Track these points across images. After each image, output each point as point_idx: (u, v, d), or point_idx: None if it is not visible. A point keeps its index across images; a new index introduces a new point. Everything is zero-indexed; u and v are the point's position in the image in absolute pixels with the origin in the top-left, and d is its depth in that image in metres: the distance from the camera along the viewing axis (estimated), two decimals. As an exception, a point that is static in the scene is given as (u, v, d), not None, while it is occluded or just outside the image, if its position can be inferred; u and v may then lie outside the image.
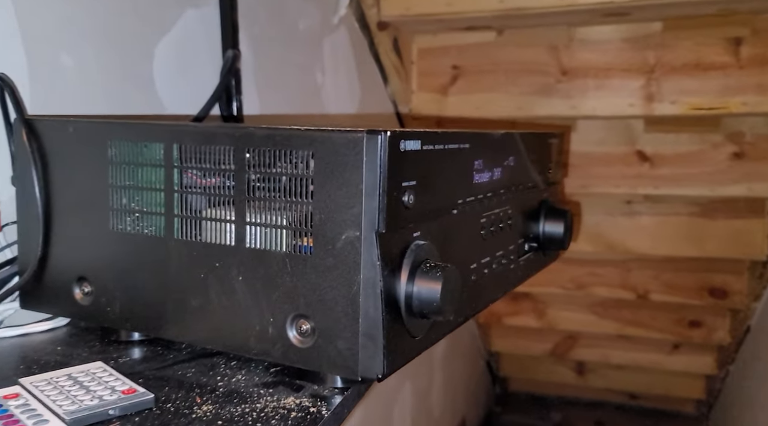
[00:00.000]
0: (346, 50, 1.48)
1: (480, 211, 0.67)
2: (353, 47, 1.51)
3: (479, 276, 0.67)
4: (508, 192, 0.74)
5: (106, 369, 0.56)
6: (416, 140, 0.52)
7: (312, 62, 1.33)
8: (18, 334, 0.66)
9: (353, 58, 1.51)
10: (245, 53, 1.10)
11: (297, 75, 1.28)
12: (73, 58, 0.80)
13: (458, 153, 0.60)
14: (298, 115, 1.27)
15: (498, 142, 0.71)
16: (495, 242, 0.71)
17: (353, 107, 1.51)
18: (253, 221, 0.54)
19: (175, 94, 0.96)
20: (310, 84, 1.33)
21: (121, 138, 0.59)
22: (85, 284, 0.62)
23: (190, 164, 0.56)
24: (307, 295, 0.52)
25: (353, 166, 0.49)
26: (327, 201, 0.51)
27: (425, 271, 0.53)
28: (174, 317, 0.58)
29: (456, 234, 0.62)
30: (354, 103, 1.52)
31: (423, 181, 0.54)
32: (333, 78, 1.41)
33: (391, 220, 0.50)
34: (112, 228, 0.60)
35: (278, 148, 0.52)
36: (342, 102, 1.46)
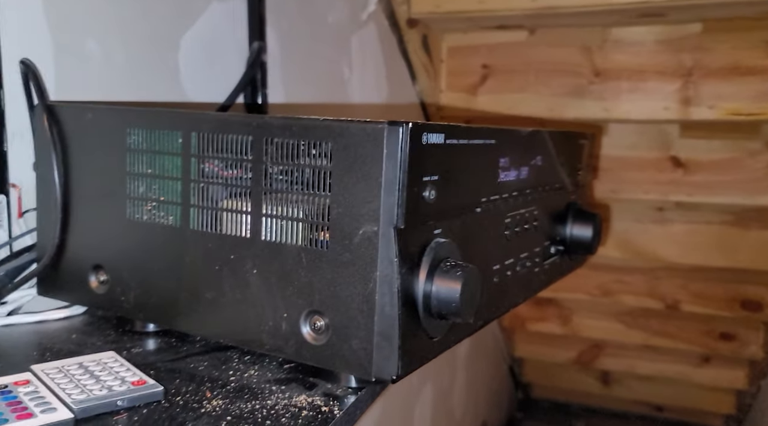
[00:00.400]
0: (374, 47, 1.46)
1: (505, 210, 0.65)
2: (381, 44, 1.49)
3: (502, 278, 0.65)
4: (534, 192, 0.72)
5: (117, 359, 0.55)
6: (440, 133, 0.50)
7: (339, 57, 1.32)
8: (35, 321, 0.65)
9: (381, 54, 1.49)
10: (272, 46, 1.10)
11: (324, 69, 1.27)
12: (99, 46, 0.80)
13: (483, 149, 0.58)
14: (322, 105, 1.26)
15: (526, 140, 0.68)
16: (519, 244, 0.69)
17: (381, 107, 1.50)
18: (270, 213, 0.52)
19: (200, 84, 0.95)
20: (337, 79, 1.32)
21: (139, 125, 0.58)
22: (101, 273, 0.62)
23: (207, 154, 0.55)
24: (322, 290, 0.50)
25: (373, 158, 0.47)
26: (345, 194, 0.49)
27: (445, 270, 0.51)
28: (187, 309, 0.57)
29: (479, 233, 0.60)
30: (381, 100, 1.51)
31: (446, 176, 0.52)
32: (360, 74, 1.39)
33: (411, 215, 0.48)
34: (129, 217, 0.59)
35: (296, 139, 0.51)
36: (368, 98, 1.45)
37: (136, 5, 0.85)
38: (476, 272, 0.52)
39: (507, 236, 0.66)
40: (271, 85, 1.08)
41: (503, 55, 1.73)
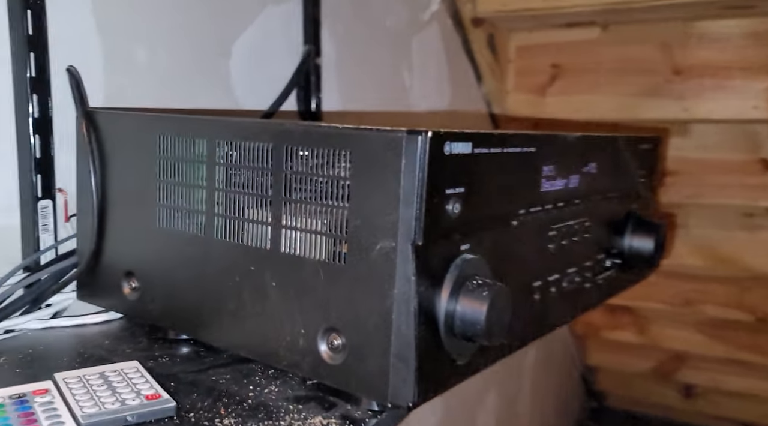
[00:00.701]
0: (436, 48, 1.43)
1: (548, 222, 0.61)
2: (444, 45, 1.46)
3: (545, 295, 0.60)
4: (586, 202, 0.67)
5: (138, 369, 0.54)
6: (466, 142, 0.47)
7: (399, 60, 1.29)
8: (74, 325, 0.66)
9: (444, 56, 1.46)
10: (327, 51, 1.08)
11: (382, 73, 1.25)
12: (148, 53, 0.80)
13: (521, 157, 0.54)
14: (381, 113, 1.24)
15: (574, 146, 0.64)
16: (567, 257, 0.64)
17: (442, 107, 1.46)
18: (289, 225, 0.51)
19: (253, 91, 0.95)
20: (397, 83, 1.29)
21: (168, 132, 0.58)
22: (132, 280, 0.62)
23: (230, 162, 0.54)
24: (340, 307, 0.48)
25: (391, 169, 0.45)
26: (363, 206, 0.46)
27: (471, 289, 0.48)
28: (209, 319, 0.56)
29: (516, 247, 0.56)
30: (443, 103, 1.47)
31: (474, 188, 0.49)
32: (421, 77, 1.36)
33: (431, 230, 0.45)
34: (159, 224, 0.59)
35: (315, 147, 0.49)
36: (430, 102, 1.42)
37: (187, 11, 0.85)
38: (505, 292, 0.48)
39: (551, 250, 0.61)
40: (326, 91, 1.07)
41: (573, 53, 1.66)
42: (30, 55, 0.65)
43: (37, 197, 0.67)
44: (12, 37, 0.65)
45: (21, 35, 0.65)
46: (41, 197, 0.67)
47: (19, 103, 0.66)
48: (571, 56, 1.67)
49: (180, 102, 0.85)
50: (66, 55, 0.70)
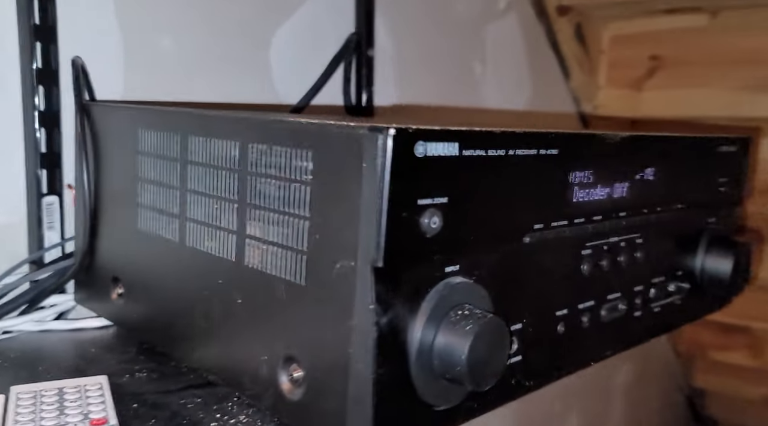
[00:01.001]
0: (514, 38, 1.32)
1: (581, 239, 0.51)
2: (524, 35, 1.34)
3: (574, 326, 0.50)
4: (638, 214, 0.56)
5: (102, 387, 0.49)
6: (449, 143, 0.38)
7: (469, 52, 1.20)
8: (72, 328, 0.63)
9: (524, 47, 1.35)
10: (383, 41, 1.01)
11: (448, 66, 1.16)
12: (174, 44, 0.76)
13: (538, 161, 0.45)
14: (447, 108, 1.15)
15: (621, 148, 0.53)
16: (608, 281, 0.54)
17: (520, 104, 1.35)
18: (252, 234, 0.44)
19: (296, 85, 0.89)
20: (466, 76, 1.20)
21: (147, 126, 0.53)
22: (119, 285, 0.57)
23: (200, 160, 0.48)
24: (301, 334, 0.41)
25: (352, 173, 0.37)
26: (324, 217, 0.39)
27: (453, 320, 0.39)
28: (183, 336, 0.51)
29: (531, 269, 0.46)
30: (522, 99, 1.36)
31: (463, 198, 0.40)
32: (496, 70, 1.26)
33: (398, 249, 0.37)
34: (140, 227, 0.54)
35: (278, 145, 0.42)
36: (507, 98, 1.31)
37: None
38: (497, 325, 0.39)
39: (584, 272, 0.51)
40: (381, 85, 1.00)
41: (676, 43, 1.49)
42: (36, 44, 0.62)
43: (41, 193, 0.64)
44: (19, 26, 0.63)
45: (26, 24, 0.62)
46: (46, 193, 0.65)
47: (25, 96, 0.64)
48: (673, 46, 1.50)
49: (212, 97, 0.81)
50: (80, 46, 0.67)
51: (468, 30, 1.19)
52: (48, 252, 0.65)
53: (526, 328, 0.46)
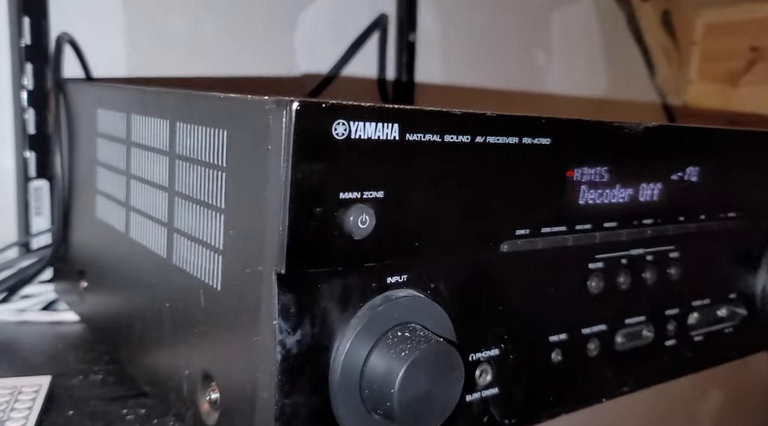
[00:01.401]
0: (588, 26, 1.20)
1: (589, 249, 0.41)
2: (600, 22, 1.22)
3: (574, 354, 0.41)
4: (672, 223, 0.46)
5: (39, 390, 0.45)
6: (386, 123, 0.31)
7: (530, 38, 1.10)
8: (51, 321, 0.60)
9: (599, 36, 1.23)
10: (428, 24, 0.93)
11: (506, 53, 1.06)
12: (185, 22, 0.72)
13: (522, 152, 0.36)
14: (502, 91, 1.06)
15: (647, 142, 0.43)
16: (627, 302, 0.44)
17: (592, 103, 1.23)
18: (179, 228, 0.38)
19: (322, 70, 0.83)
20: (526, 65, 1.10)
21: (104, 105, 0.48)
22: (84, 278, 0.53)
23: (136, 141, 0.42)
24: (217, 350, 0.34)
25: (259, 158, 0.30)
26: (237, 211, 0.32)
27: (389, 343, 0.31)
28: (125, 339, 0.45)
29: (512, 284, 0.38)
30: (596, 92, 1.24)
31: (408, 193, 0.32)
32: (563, 60, 1.15)
33: (310, 253, 0.30)
34: (98, 215, 0.50)
35: (197, 124, 0.35)
36: (577, 90, 1.20)
37: (240, -23, 0.76)
38: (443, 352, 0.31)
39: (592, 290, 0.42)
40: (423, 75, 0.92)
41: (779, 33, 1.32)
42: (24, 19, 0.59)
43: (28, 177, 0.61)
44: (9, 1, 0.60)
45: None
46: (35, 177, 0.62)
47: (13, 74, 0.61)
48: (775, 37, 1.33)
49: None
50: (78, 22, 0.63)
51: (530, 15, 1.09)
52: (36, 239, 0.62)
53: (505, 355, 0.38)
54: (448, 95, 0.97)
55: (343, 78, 0.80)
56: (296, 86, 0.79)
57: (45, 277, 0.61)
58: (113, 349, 0.48)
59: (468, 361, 0.36)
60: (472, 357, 0.36)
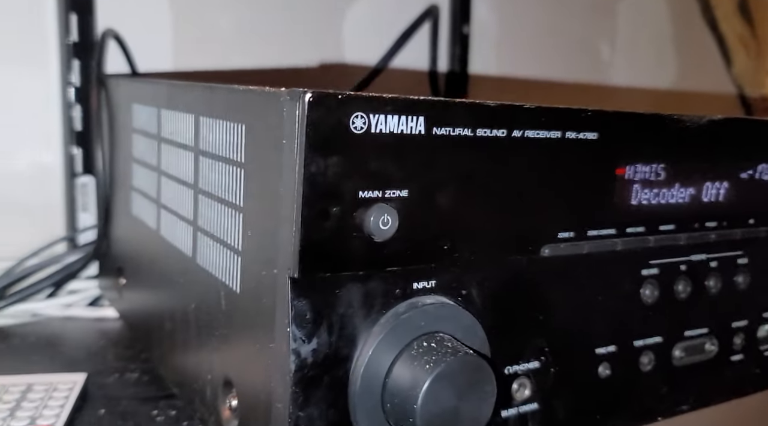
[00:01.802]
0: (657, 16, 1.14)
1: (643, 255, 0.38)
2: (671, 12, 1.16)
3: (624, 368, 0.38)
4: (741, 226, 0.42)
5: (74, 387, 0.44)
6: (411, 116, 0.28)
7: (594, 31, 1.05)
8: (95, 317, 0.60)
9: (669, 26, 1.16)
10: (485, 16, 0.90)
11: (566, 48, 1.01)
12: (231, 18, 0.71)
13: (565, 148, 0.33)
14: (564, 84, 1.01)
15: (712, 137, 0.39)
16: (687, 312, 0.40)
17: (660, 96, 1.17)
18: (202, 227, 0.36)
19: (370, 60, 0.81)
20: (589, 59, 1.05)
21: (139, 100, 0.47)
22: (123, 275, 0.53)
23: (168, 137, 0.41)
24: (236, 355, 0.33)
25: (275, 154, 0.28)
26: (255, 209, 0.31)
27: (413, 355, 0.29)
28: (157, 339, 0.44)
29: (554, 293, 0.35)
30: (664, 84, 1.17)
31: (436, 192, 0.30)
32: (628, 53, 1.09)
33: (326, 256, 0.28)
34: (134, 212, 0.49)
35: (219, 118, 0.34)
36: (642, 82, 1.14)
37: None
38: (472, 365, 0.29)
39: (645, 299, 0.38)
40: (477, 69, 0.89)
41: None
42: (71, 16, 0.59)
43: (74, 173, 0.61)
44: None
45: (63, -5, 0.59)
46: (81, 173, 0.62)
47: (62, 71, 0.61)
48: None
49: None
50: (125, 17, 0.63)
51: (593, 6, 1.04)
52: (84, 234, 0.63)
53: (545, 368, 0.35)
54: (504, 88, 0.93)
55: (393, 70, 0.78)
56: (341, 76, 0.77)
57: (92, 272, 0.62)
58: (147, 347, 0.48)
59: (504, 375, 0.34)
60: (508, 370, 0.34)
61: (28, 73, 0.61)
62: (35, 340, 0.55)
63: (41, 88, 0.62)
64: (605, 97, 1.07)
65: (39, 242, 0.61)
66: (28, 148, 0.62)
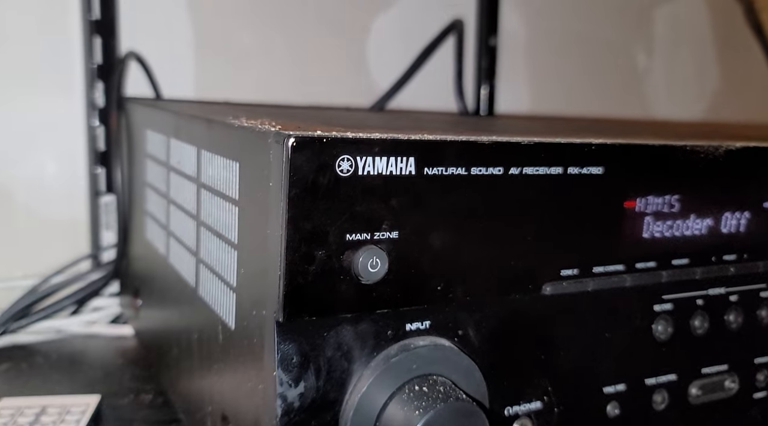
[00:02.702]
0: (696, 20, 1.11)
1: (654, 290, 0.36)
2: (712, 16, 1.12)
3: (635, 407, 0.36)
4: (764, 258, 0.40)
5: (87, 410, 0.45)
6: (401, 156, 0.28)
7: (629, 39, 1.02)
8: (116, 335, 0.61)
9: (710, 31, 1.12)
10: (513, 28, 0.88)
11: (601, 57, 0.99)
12: (255, 39, 0.71)
13: (569, 183, 0.32)
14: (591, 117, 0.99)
15: (730, 165, 0.37)
16: (704, 348, 0.38)
17: (702, 105, 1.13)
18: (203, 259, 0.36)
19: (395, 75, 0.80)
20: (625, 70, 1.02)
21: (151, 127, 0.47)
22: (139, 296, 0.53)
23: (176, 166, 0.41)
24: (230, 391, 0.33)
25: (264, 194, 0.28)
26: (247, 247, 0.30)
27: (404, 399, 0.28)
28: (166, 363, 0.45)
29: (557, 331, 0.34)
30: (704, 98, 1.14)
31: (428, 232, 0.29)
32: (667, 61, 1.06)
33: (313, 299, 0.27)
34: (147, 236, 0.49)
35: (216, 153, 0.34)
36: (681, 96, 1.10)
37: (312, -14, 0.75)
38: (463, 411, 0.28)
39: (658, 335, 0.37)
40: (507, 82, 0.88)
41: None
42: (95, 39, 0.61)
43: (97, 192, 0.63)
44: (82, 22, 0.61)
45: (86, 19, 0.60)
46: (105, 192, 0.63)
47: (87, 92, 0.62)
48: None
49: (301, 96, 0.75)
50: (149, 41, 0.64)
51: (629, 13, 1.01)
52: (108, 252, 0.64)
53: (548, 408, 0.34)
54: (533, 99, 0.92)
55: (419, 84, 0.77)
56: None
57: (115, 290, 0.63)
58: (157, 370, 0.48)
59: (503, 415, 0.33)
60: (508, 410, 0.33)
61: (55, 94, 0.62)
62: (57, 358, 0.56)
63: (68, 109, 0.63)
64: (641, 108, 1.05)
65: (65, 260, 0.62)
66: (56, 166, 0.63)
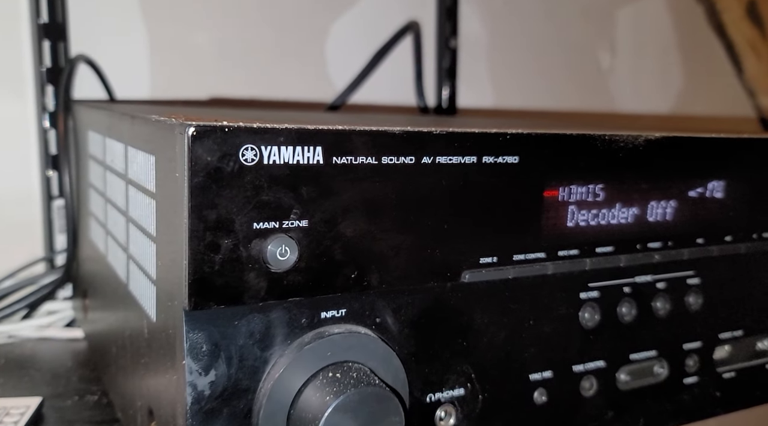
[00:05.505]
0: (659, 21, 1.12)
1: (579, 278, 0.37)
2: (674, 16, 1.14)
3: (563, 394, 0.37)
4: (689, 245, 0.41)
5: (26, 412, 0.45)
6: (307, 146, 0.28)
7: (592, 39, 1.03)
8: (69, 338, 0.60)
9: (673, 31, 1.14)
10: (474, 29, 0.89)
11: (564, 57, 1.00)
12: (210, 38, 0.72)
13: (484, 172, 0.33)
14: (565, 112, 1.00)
15: (649, 154, 0.38)
16: (632, 335, 0.39)
17: (667, 103, 1.14)
18: (132, 254, 0.37)
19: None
20: (588, 70, 1.03)
21: (93, 128, 0.48)
22: (87, 297, 0.53)
23: (109, 164, 0.41)
24: (154, 384, 0.33)
25: (173, 185, 0.28)
26: (163, 240, 0.31)
27: (317, 385, 0.29)
28: (105, 363, 0.45)
29: (479, 319, 0.34)
30: (669, 97, 1.15)
31: (339, 221, 0.29)
32: (631, 61, 1.08)
33: (220, 288, 0.27)
34: (91, 237, 0.49)
35: (138, 148, 0.34)
36: (646, 96, 1.11)
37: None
38: (375, 396, 0.28)
39: (584, 322, 0.37)
40: (469, 83, 0.88)
41: None
42: (44, 43, 0.61)
43: (51, 196, 0.62)
44: (31, 25, 0.62)
45: (35, 23, 0.60)
46: (58, 195, 0.63)
47: (37, 96, 0.62)
48: None
49: (260, 94, 0.75)
50: (101, 43, 0.65)
51: (590, 14, 1.02)
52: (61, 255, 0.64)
53: (472, 395, 0.34)
54: (496, 99, 0.93)
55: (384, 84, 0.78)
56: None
57: (69, 293, 0.62)
58: (101, 371, 0.48)
59: (425, 402, 0.33)
60: (430, 397, 0.33)
61: (7, 97, 0.62)
62: (5, 362, 0.55)
63: (21, 113, 0.63)
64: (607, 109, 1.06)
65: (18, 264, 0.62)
66: (9, 170, 0.63)
